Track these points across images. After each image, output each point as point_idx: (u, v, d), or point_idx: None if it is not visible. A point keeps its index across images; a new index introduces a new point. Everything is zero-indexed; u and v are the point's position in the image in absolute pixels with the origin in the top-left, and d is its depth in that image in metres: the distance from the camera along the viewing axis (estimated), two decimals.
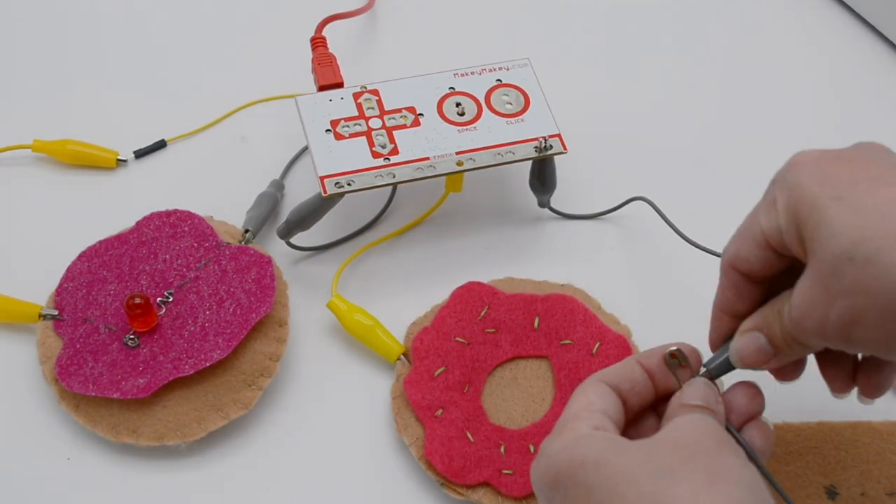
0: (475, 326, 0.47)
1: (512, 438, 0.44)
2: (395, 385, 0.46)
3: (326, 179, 0.47)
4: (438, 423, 0.44)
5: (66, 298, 0.47)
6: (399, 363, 0.47)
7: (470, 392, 0.46)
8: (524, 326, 0.47)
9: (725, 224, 0.53)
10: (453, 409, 0.45)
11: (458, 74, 0.51)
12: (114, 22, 0.62)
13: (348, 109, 0.49)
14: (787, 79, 0.61)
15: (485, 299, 0.48)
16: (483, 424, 0.45)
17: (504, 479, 0.43)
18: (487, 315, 0.47)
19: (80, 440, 0.45)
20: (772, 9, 0.64)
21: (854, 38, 0.63)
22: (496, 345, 0.47)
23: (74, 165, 0.54)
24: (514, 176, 0.54)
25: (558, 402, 0.45)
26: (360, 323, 0.47)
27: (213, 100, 0.58)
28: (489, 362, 0.46)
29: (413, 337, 0.47)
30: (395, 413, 0.45)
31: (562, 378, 0.46)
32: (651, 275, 0.51)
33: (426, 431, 0.44)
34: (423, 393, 0.45)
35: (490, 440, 0.44)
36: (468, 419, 0.45)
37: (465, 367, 0.46)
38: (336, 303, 0.48)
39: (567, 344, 0.47)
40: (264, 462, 0.45)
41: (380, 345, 0.47)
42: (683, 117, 0.58)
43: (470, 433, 0.44)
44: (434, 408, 0.45)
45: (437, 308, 0.49)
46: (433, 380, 0.46)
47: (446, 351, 0.46)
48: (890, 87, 0.60)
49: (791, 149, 0.56)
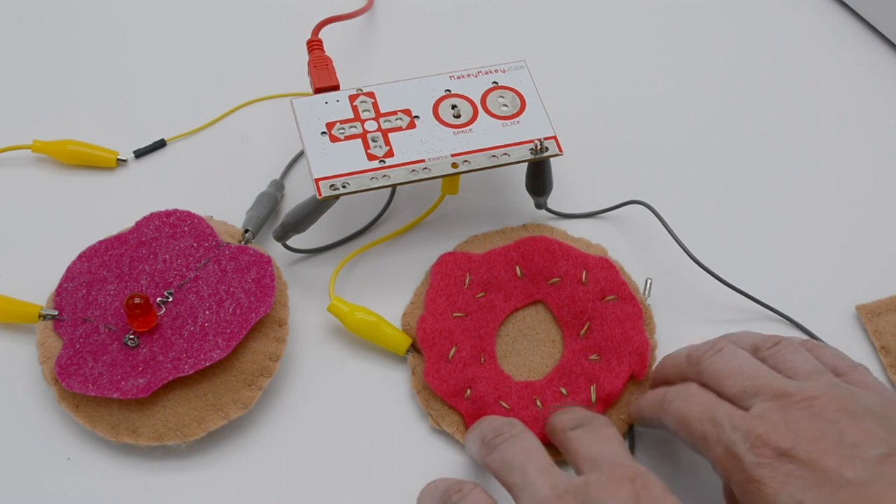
0: (465, 296, 0.48)
1: (541, 389, 0.45)
2: (415, 380, 0.47)
3: (321, 182, 0.47)
4: (472, 403, 0.45)
5: (66, 298, 0.47)
6: (410, 357, 0.47)
7: (487, 361, 0.46)
8: (509, 279, 0.48)
9: (724, 224, 0.54)
10: (480, 385, 0.46)
11: (454, 77, 0.51)
12: (113, 22, 0.62)
13: (344, 112, 0.49)
14: (787, 79, 0.60)
15: (463, 267, 0.49)
16: (512, 388, 0.46)
17: None
18: (472, 281, 0.48)
19: (80, 440, 0.45)
20: (772, 9, 0.64)
21: (854, 38, 0.62)
22: (491, 307, 0.48)
23: (74, 165, 0.55)
24: (511, 178, 0.54)
25: (568, 339, 0.47)
26: (364, 321, 0.47)
27: (213, 99, 0.58)
28: (491, 326, 0.47)
29: (413, 328, 0.47)
30: (426, 407, 0.46)
31: (563, 315, 0.47)
32: (643, 278, 0.51)
33: (464, 416, 0.45)
34: (445, 379, 0.46)
35: (523, 399, 0.45)
36: (497, 388, 0.45)
37: (473, 339, 0.47)
38: (337, 305, 0.48)
39: (555, 283, 0.48)
40: (264, 462, 0.45)
41: (387, 340, 0.47)
42: (681, 118, 0.58)
43: (503, 401, 0.45)
44: (462, 390, 0.45)
45: (419, 292, 0.49)
46: (449, 363, 0.46)
47: (450, 330, 0.47)
48: (890, 88, 0.60)
49: (791, 148, 0.57)
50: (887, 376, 0.48)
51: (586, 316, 0.47)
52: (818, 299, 0.50)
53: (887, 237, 0.53)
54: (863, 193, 0.55)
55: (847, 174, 0.56)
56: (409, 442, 0.46)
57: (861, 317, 0.50)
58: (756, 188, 0.55)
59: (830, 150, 0.57)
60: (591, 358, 0.46)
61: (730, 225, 0.54)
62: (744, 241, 0.53)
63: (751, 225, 0.54)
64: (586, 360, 0.46)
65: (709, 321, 0.49)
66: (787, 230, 0.54)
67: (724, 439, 0.37)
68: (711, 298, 0.50)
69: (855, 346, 0.49)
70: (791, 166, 0.56)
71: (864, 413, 0.36)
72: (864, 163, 0.57)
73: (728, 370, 0.39)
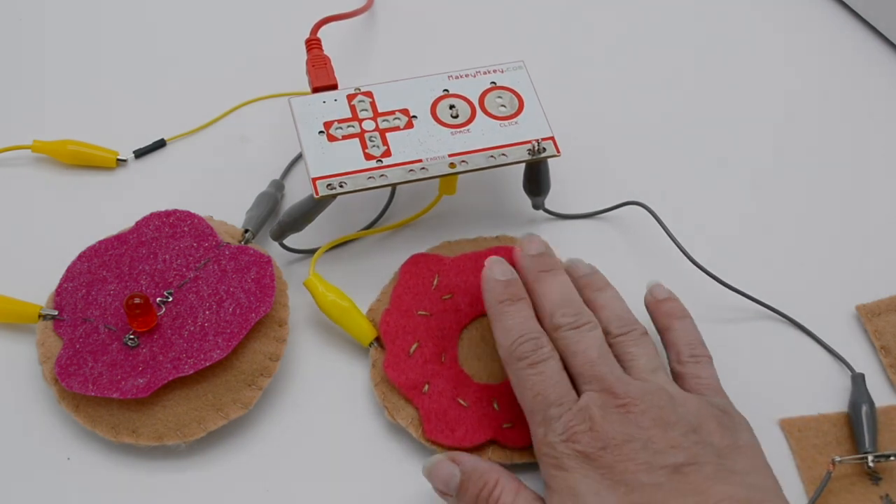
0: (431, 296, 0.48)
1: (501, 392, 0.45)
2: (374, 371, 0.47)
3: (318, 181, 0.47)
4: (429, 398, 0.45)
5: (66, 298, 0.47)
6: (372, 349, 0.47)
7: (447, 360, 0.46)
8: (476, 285, 0.48)
9: (722, 225, 0.53)
10: (438, 381, 0.45)
11: (452, 77, 0.51)
12: (113, 21, 0.62)
13: (342, 111, 0.49)
14: (787, 79, 0.60)
15: (433, 268, 0.49)
16: (471, 387, 0.45)
17: (507, 433, 0.44)
18: (440, 283, 0.48)
19: (80, 440, 0.45)
20: (772, 10, 0.64)
21: (854, 38, 0.62)
22: (456, 309, 0.48)
23: (74, 165, 0.55)
24: (509, 178, 0.54)
25: None
26: (336, 304, 0.47)
27: (213, 99, 0.58)
28: (455, 328, 0.47)
29: (377, 322, 0.47)
30: (383, 399, 0.46)
31: None
32: (641, 279, 0.51)
33: (420, 410, 0.45)
34: (405, 373, 0.46)
35: (482, 399, 0.45)
36: (455, 386, 0.45)
37: (436, 338, 0.47)
38: (314, 281, 0.48)
39: None
40: (264, 462, 0.45)
41: (354, 327, 0.47)
42: (679, 119, 0.58)
43: (461, 399, 0.45)
44: (420, 385, 0.45)
45: (387, 290, 0.49)
46: (410, 358, 0.46)
47: (413, 327, 0.47)
48: (890, 88, 0.60)
49: (790, 148, 0.57)
50: (887, 376, 0.48)
51: None
52: (818, 299, 0.50)
53: (887, 237, 0.53)
54: (863, 193, 0.55)
55: (847, 174, 0.56)
56: (411, 441, 0.46)
57: (861, 317, 0.49)
58: (755, 188, 0.55)
59: (830, 150, 0.57)
60: None
61: (728, 225, 0.54)
62: (742, 241, 0.53)
63: (749, 225, 0.54)
64: None
65: (707, 321, 0.49)
66: (786, 230, 0.53)
67: (548, 423, 0.41)
68: (709, 299, 0.50)
69: (855, 346, 0.49)
70: (790, 166, 0.56)
71: (676, 423, 0.40)
72: (864, 163, 0.56)
73: (577, 349, 0.43)
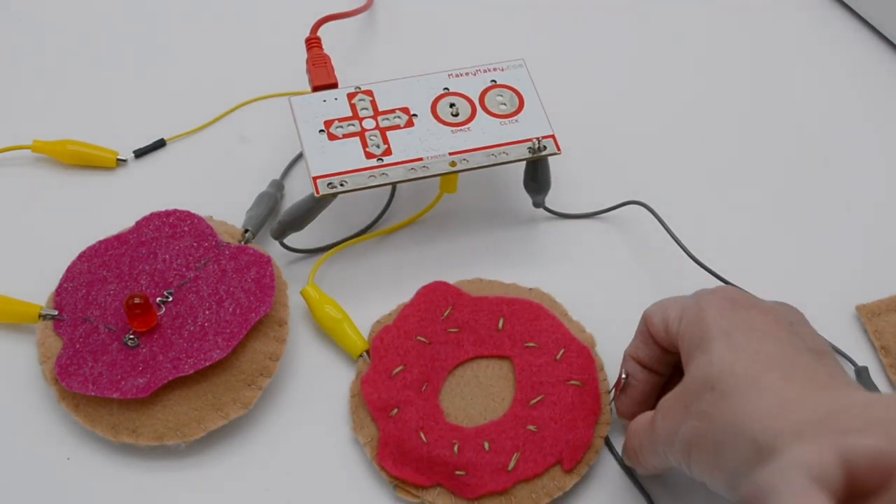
0: (437, 326, 0.47)
1: (466, 437, 0.44)
2: (354, 383, 0.46)
3: (319, 180, 0.47)
4: (393, 423, 0.44)
5: (66, 298, 0.47)
6: (361, 361, 0.47)
7: (428, 391, 0.45)
8: (488, 327, 0.47)
9: (723, 224, 0.53)
10: (409, 409, 0.45)
11: (452, 75, 0.51)
12: (113, 21, 0.62)
13: (342, 110, 0.49)
14: (787, 79, 0.60)
15: (449, 299, 0.48)
16: (438, 423, 0.44)
17: (457, 481, 0.43)
18: (451, 315, 0.47)
19: (80, 440, 0.45)
20: (772, 10, 0.64)
21: (854, 38, 0.62)
22: (458, 344, 0.47)
23: (74, 165, 0.55)
24: (509, 176, 0.54)
25: (518, 402, 0.45)
26: (329, 315, 0.48)
27: (213, 98, 0.58)
28: (449, 361, 0.46)
29: (377, 333, 0.47)
30: (352, 412, 0.46)
31: (523, 379, 0.46)
32: (642, 278, 0.51)
33: (380, 433, 0.44)
34: (379, 392, 0.45)
35: (443, 439, 0.44)
36: (423, 418, 0.44)
37: (425, 366, 0.46)
38: (310, 291, 0.48)
39: (531, 347, 0.47)
40: (264, 462, 0.45)
41: (345, 339, 0.47)
42: (680, 118, 0.58)
43: (423, 433, 0.44)
44: (389, 408, 0.45)
45: (402, 307, 0.49)
46: (390, 379, 0.45)
47: (406, 349, 0.46)
48: (890, 87, 0.60)
49: (791, 148, 0.57)
50: (887, 376, 0.48)
51: (544, 389, 0.45)
52: (818, 299, 0.50)
53: (887, 237, 0.53)
54: (863, 193, 0.55)
55: (847, 174, 0.56)
56: None
57: (861, 317, 0.49)
58: (755, 188, 0.55)
59: (830, 150, 0.57)
60: (529, 428, 0.44)
61: (729, 225, 0.54)
62: (743, 241, 0.53)
63: (750, 225, 0.54)
64: (523, 427, 0.44)
65: None
66: (786, 230, 0.53)
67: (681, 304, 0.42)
68: None
69: (855, 346, 0.49)
70: (790, 166, 0.56)
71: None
72: (864, 163, 0.56)
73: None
